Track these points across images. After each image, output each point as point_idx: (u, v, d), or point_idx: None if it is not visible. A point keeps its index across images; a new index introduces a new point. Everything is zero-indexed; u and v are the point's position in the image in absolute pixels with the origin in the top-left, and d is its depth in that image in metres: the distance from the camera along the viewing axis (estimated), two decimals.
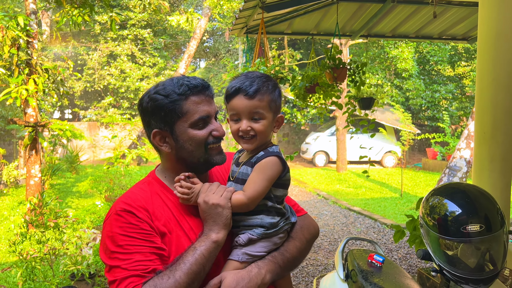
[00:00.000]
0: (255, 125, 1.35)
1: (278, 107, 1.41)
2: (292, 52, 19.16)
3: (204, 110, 1.34)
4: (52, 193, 9.99)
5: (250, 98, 1.33)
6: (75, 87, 18.62)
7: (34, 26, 6.44)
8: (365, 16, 4.92)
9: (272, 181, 1.35)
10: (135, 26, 19.00)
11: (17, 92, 5.60)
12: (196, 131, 1.34)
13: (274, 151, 1.37)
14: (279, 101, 1.41)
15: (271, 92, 1.37)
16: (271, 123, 1.39)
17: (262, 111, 1.35)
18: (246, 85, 1.34)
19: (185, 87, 1.32)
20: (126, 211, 1.27)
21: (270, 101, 1.36)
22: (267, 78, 1.39)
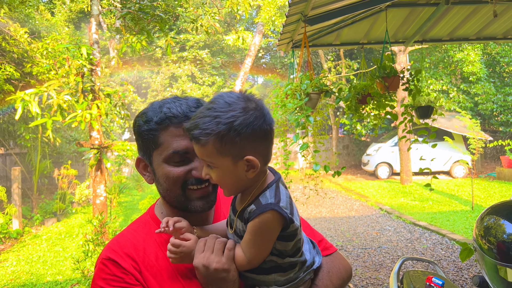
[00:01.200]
0: (212, 173, 1.09)
1: (241, 148, 1.05)
2: (349, 62, 18.80)
3: (181, 145, 1.12)
4: (119, 211, 10.53)
5: (194, 143, 1.07)
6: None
7: (97, 54, 6.89)
8: (418, 21, 4.68)
9: (273, 240, 1.10)
10: (193, 48, 19.75)
11: (82, 116, 5.99)
12: (171, 168, 1.13)
13: (267, 203, 1.07)
14: (242, 138, 1.04)
15: (217, 133, 1.03)
16: (230, 170, 1.07)
17: (209, 160, 1.07)
18: (191, 126, 1.06)
19: (163, 115, 1.13)
20: (111, 260, 1.11)
21: (218, 146, 1.04)
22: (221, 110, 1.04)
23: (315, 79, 3.62)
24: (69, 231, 8.98)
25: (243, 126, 1.02)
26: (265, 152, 1.08)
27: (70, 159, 12.98)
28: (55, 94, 6.05)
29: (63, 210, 10.35)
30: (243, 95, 1.07)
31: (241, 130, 1.01)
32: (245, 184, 1.10)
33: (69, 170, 10.64)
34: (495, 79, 17.44)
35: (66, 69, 6.14)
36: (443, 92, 16.56)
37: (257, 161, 1.05)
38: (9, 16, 8.57)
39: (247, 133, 1.02)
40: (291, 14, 3.50)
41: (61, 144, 12.18)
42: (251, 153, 1.05)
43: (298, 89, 3.54)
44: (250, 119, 1.03)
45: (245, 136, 1.02)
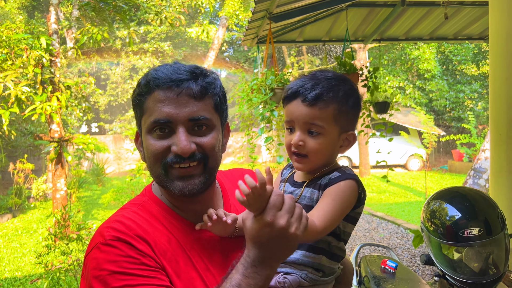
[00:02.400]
0: (310, 141, 1.06)
1: (349, 121, 1.09)
2: (311, 58, 19.16)
3: (163, 113, 0.97)
4: (79, 206, 10.29)
5: (308, 105, 1.04)
6: (99, 101, 19.17)
7: (56, 45, 6.71)
8: (376, 20, 4.91)
9: (347, 211, 1.04)
10: (155, 39, 19.44)
11: (41, 108, 5.84)
12: (152, 140, 1.00)
13: (352, 174, 1.07)
14: (353, 113, 1.10)
15: (339, 100, 1.06)
16: (333, 141, 1.07)
17: (321, 124, 1.04)
18: (307, 87, 1.05)
19: (149, 76, 1.00)
20: (121, 241, 0.92)
21: (336, 112, 1.05)
22: (339, 80, 1.09)
23: (279, 74, 3.75)
24: (26, 226, 8.70)
25: (357, 103, 1.10)
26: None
27: (26, 152, 12.51)
28: (12, 85, 5.86)
29: (19, 205, 9.99)
30: (343, 76, 1.14)
31: (355, 106, 1.09)
32: (330, 160, 1.11)
33: (25, 164, 10.27)
34: (448, 76, 18.36)
35: (24, 60, 5.96)
36: (400, 89, 17.26)
37: (355, 139, 1.11)
38: None
39: (357, 110, 1.11)
40: (256, 11, 3.60)
41: (16, 137, 11.72)
42: (353, 130, 1.11)
43: (263, 84, 3.66)
44: (360, 98, 1.12)
45: (356, 112, 1.11)
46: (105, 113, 20.77)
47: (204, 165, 1.02)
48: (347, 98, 1.07)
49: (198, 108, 0.98)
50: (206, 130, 1.01)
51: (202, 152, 1.00)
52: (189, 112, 0.97)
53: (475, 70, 17.84)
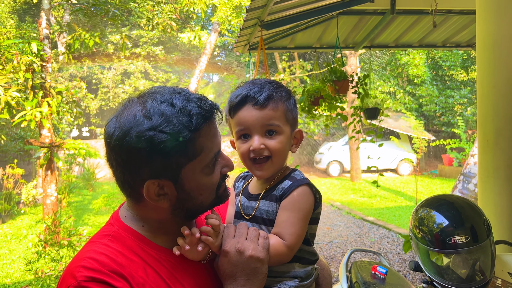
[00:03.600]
0: (270, 142, 1.07)
1: (295, 119, 1.14)
2: (302, 63, 19.26)
3: (218, 144, 1.00)
4: (69, 211, 10.21)
5: (261, 108, 1.06)
6: (90, 106, 19.07)
7: (47, 50, 6.69)
8: (366, 28, 4.98)
9: (309, 217, 1.06)
10: (147, 44, 19.41)
11: (32, 114, 5.81)
12: (209, 176, 0.99)
13: (302, 178, 1.08)
14: (296, 112, 1.15)
15: (286, 100, 1.10)
16: (288, 139, 1.11)
17: (277, 123, 1.07)
18: (255, 91, 1.07)
19: (199, 117, 0.93)
20: (96, 281, 0.85)
21: (286, 111, 1.09)
22: (278, 84, 1.14)
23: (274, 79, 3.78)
24: (16, 232, 8.61)
25: (295, 102, 1.15)
26: None
27: (16, 157, 12.39)
28: (2, 91, 5.83)
29: (8, 211, 9.88)
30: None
31: (296, 105, 1.14)
32: (286, 160, 1.13)
33: (15, 169, 10.17)
34: (438, 82, 18.58)
35: (15, 65, 5.92)
36: (390, 94, 17.42)
37: (303, 135, 1.16)
38: None
39: (297, 109, 1.15)
40: (248, 19, 3.64)
41: (6, 142, 11.61)
42: (297, 127, 1.16)
43: None
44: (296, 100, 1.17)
45: (297, 111, 1.15)
46: (96, 117, 20.66)
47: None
48: (290, 97, 1.13)
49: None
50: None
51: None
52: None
53: (464, 76, 18.08)
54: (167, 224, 1.02)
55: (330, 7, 4.03)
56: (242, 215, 1.13)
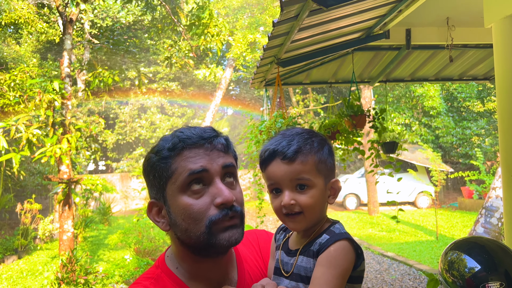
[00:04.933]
0: (300, 197, 1.03)
1: (330, 170, 1.08)
2: (316, 96, 19.39)
3: (197, 164, 0.97)
4: (85, 246, 10.19)
5: (289, 162, 1.03)
6: (107, 140, 19.38)
7: (68, 88, 6.88)
8: (381, 63, 5.00)
9: (347, 275, 0.99)
10: (163, 80, 19.87)
11: (51, 151, 5.91)
12: (190, 200, 0.97)
13: (341, 233, 1.02)
14: (331, 161, 1.09)
15: (317, 151, 1.06)
16: (322, 192, 1.06)
17: (307, 177, 1.03)
18: (283, 145, 1.05)
19: (176, 139, 1.00)
20: None
21: (317, 163, 1.05)
22: (309, 133, 1.10)
23: (288, 117, 3.79)
24: (32, 269, 8.59)
25: (331, 151, 1.10)
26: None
27: (34, 192, 12.54)
28: (24, 128, 5.96)
29: (24, 246, 9.90)
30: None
31: (330, 154, 1.08)
32: (323, 212, 1.08)
33: (32, 204, 10.26)
34: (454, 113, 18.44)
35: (37, 103, 6.09)
36: (406, 126, 17.32)
37: (340, 185, 1.09)
38: None
39: (333, 158, 1.10)
40: (265, 57, 3.70)
41: (24, 177, 11.79)
42: (335, 177, 1.09)
43: (272, 127, 3.69)
44: (332, 146, 1.12)
45: (333, 160, 1.09)
46: (112, 151, 20.94)
47: (241, 218, 1.01)
48: (322, 147, 1.08)
49: (227, 157, 1.03)
50: (234, 181, 1.04)
51: (237, 204, 1.01)
52: (222, 161, 1.01)
53: (480, 107, 17.92)
54: (194, 267, 1.03)
55: (345, 44, 4.08)
56: (282, 271, 1.08)
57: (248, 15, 13.69)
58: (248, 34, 11.42)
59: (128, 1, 8.46)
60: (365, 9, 3.27)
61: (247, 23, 13.68)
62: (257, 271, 1.15)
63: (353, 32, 3.98)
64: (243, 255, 1.16)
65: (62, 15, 7.01)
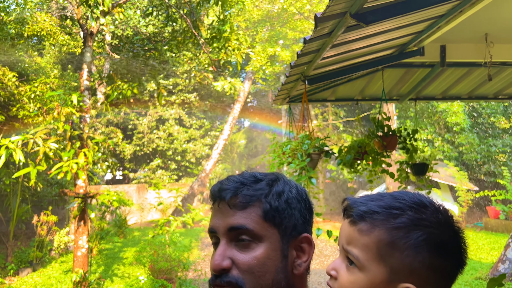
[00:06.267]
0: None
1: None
2: (336, 110, 19.09)
3: (211, 222, 0.92)
4: (99, 260, 10.05)
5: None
6: (125, 151, 19.40)
7: (87, 101, 6.78)
8: (412, 80, 4.74)
9: None
10: (182, 92, 19.87)
11: (69, 166, 5.78)
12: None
13: None
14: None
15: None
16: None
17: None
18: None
19: (211, 195, 0.96)
20: None
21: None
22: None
23: (315, 139, 3.56)
24: (46, 282, 8.47)
25: (429, 244, 0.73)
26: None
27: (50, 203, 12.50)
28: (42, 142, 5.86)
29: (40, 258, 9.82)
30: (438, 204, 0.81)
31: (424, 246, 0.73)
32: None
33: (49, 216, 10.19)
34: (478, 129, 17.88)
35: (55, 116, 5.99)
36: (428, 142, 16.84)
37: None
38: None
39: (428, 255, 0.73)
40: (291, 74, 3.49)
41: (42, 188, 11.77)
42: (417, 282, 0.73)
43: (298, 149, 3.47)
44: (442, 239, 0.74)
45: (424, 257, 0.73)
46: (130, 162, 20.96)
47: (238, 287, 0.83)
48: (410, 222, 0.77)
49: (237, 217, 0.86)
50: (250, 244, 0.85)
51: (238, 272, 0.83)
52: (228, 222, 0.86)
53: (506, 123, 17.33)
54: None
55: (377, 61, 3.84)
56: None
57: (268, 28, 13.59)
58: (268, 47, 11.28)
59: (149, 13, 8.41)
60: (403, 25, 3.03)
61: (267, 36, 13.57)
62: None
63: (386, 49, 3.74)
64: None
65: (83, 27, 6.96)
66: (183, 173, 20.88)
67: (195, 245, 12.61)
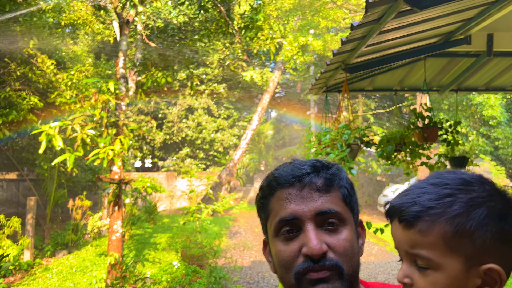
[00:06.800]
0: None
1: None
2: (366, 101, 18.77)
3: (288, 209, 0.88)
4: (131, 245, 10.31)
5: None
6: (156, 139, 19.73)
7: (122, 89, 6.90)
8: (455, 71, 4.58)
9: None
10: (211, 81, 19.96)
11: (105, 153, 5.91)
12: (280, 245, 0.89)
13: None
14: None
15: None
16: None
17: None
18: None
19: (271, 177, 0.93)
20: None
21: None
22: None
23: (356, 129, 3.49)
24: (80, 264, 8.76)
25: (492, 217, 0.72)
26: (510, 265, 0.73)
27: (85, 189, 12.88)
28: (79, 128, 6.01)
29: (74, 241, 10.16)
30: (478, 176, 0.78)
31: (488, 221, 0.72)
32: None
33: (83, 201, 10.51)
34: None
35: (92, 103, 6.13)
36: (462, 135, 16.35)
37: (503, 274, 0.72)
38: (38, 48, 8.72)
39: (495, 229, 0.72)
40: (333, 62, 3.43)
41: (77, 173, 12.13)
42: (494, 259, 0.72)
43: (339, 139, 3.41)
44: (499, 208, 0.73)
45: (492, 232, 0.72)
46: (159, 150, 21.31)
47: (340, 273, 0.84)
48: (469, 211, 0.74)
49: (324, 201, 0.87)
50: (338, 227, 0.87)
51: (334, 255, 0.84)
52: (315, 206, 0.86)
53: None
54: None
55: (419, 50, 3.72)
56: None
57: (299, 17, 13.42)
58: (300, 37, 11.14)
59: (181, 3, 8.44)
60: (451, 12, 2.92)
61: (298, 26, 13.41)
62: None
63: (430, 38, 3.62)
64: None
65: (119, 16, 7.05)
66: (211, 163, 21.07)
67: (224, 233, 12.76)
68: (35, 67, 8.71)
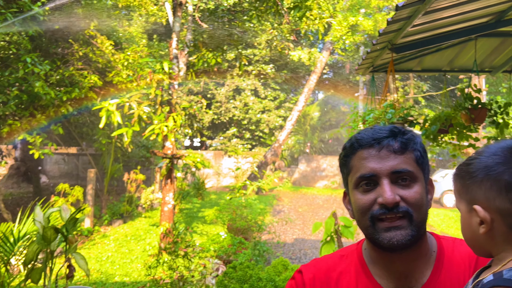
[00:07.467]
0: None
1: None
2: (418, 83, 18.19)
3: (367, 167, 1.04)
4: (181, 218, 10.88)
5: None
6: (204, 119, 20.31)
7: (175, 69, 7.25)
8: (509, 51, 4.46)
9: None
10: (259, 62, 20.12)
11: (160, 129, 6.31)
12: (359, 195, 1.06)
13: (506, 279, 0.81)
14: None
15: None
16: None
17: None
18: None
19: (354, 139, 1.10)
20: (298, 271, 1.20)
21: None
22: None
23: (400, 108, 3.56)
24: (134, 233, 9.41)
25: (478, 169, 0.90)
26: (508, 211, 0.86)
27: (138, 163, 13.64)
28: (136, 105, 6.44)
29: (129, 212, 10.87)
30: None
31: (474, 173, 0.90)
32: (483, 243, 0.91)
33: (137, 175, 11.17)
34: None
35: (148, 82, 6.52)
36: None
37: (485, 215, 0.88)
38: (97, 29, 9.25)
39: (479, 177, 0.89)
40: (378, 42, 3.49)
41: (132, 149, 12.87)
42: (481, 203, 0.89)
43: (382, 117, 3.50)
44: (489, 162, 0.89)
45: (477, 180, 0.90)
46: (208, 130, 21.91)
47: (410, 218, 1.02)
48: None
49: (399, 161, 1.03)
50: (410, 183, 1.04)
51: (406, 205, 1.02)
52: (391, 165, 1.03)
53: None
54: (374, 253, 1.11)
55: (470, 29, 3.69)
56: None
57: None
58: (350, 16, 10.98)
59: None
60: None
61: (348, 5, 13.17)
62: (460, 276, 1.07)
63: (481, 17, 3.57)
64: (449, 258, 1.11)
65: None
66: (257, 143, 21.42)
67: (268, 210, 13.10)
68: (95, 47, 9.27)
